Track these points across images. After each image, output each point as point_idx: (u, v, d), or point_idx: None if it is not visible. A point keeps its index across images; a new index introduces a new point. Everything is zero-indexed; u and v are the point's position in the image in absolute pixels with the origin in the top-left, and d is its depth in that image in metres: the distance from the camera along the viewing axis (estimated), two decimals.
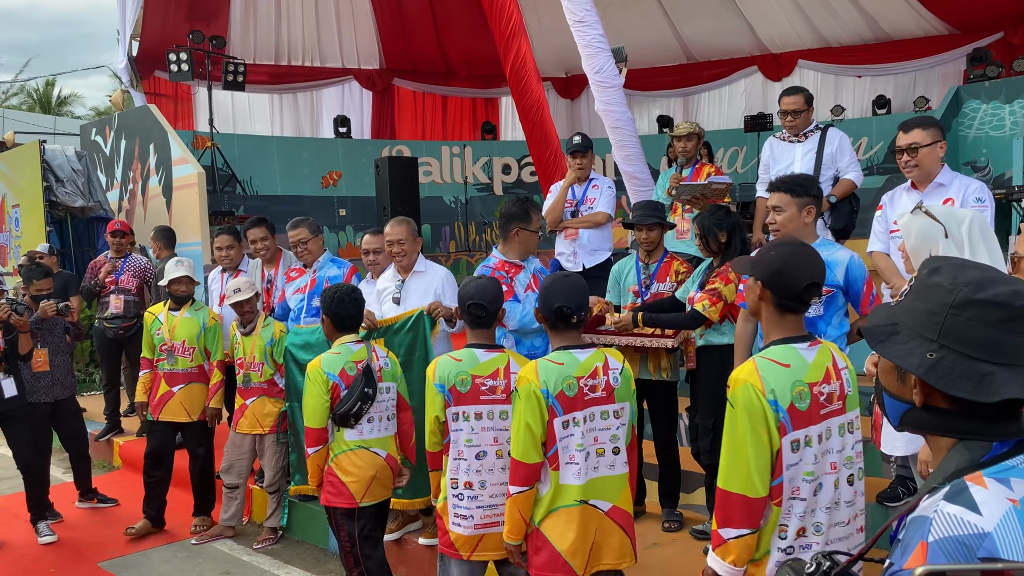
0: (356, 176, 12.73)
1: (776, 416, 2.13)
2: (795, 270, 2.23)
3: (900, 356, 1.24)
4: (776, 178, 3.59)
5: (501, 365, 3.17)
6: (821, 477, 2.20)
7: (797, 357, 2.22)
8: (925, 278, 1.27)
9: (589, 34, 6.77)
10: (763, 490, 2.13)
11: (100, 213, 9.63)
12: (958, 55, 12.15)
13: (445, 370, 3.17)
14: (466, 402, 3.15)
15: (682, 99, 14.82)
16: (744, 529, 2.14)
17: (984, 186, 3.70)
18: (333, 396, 3.65)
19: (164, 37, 12.06)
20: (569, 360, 2.84)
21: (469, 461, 3.13)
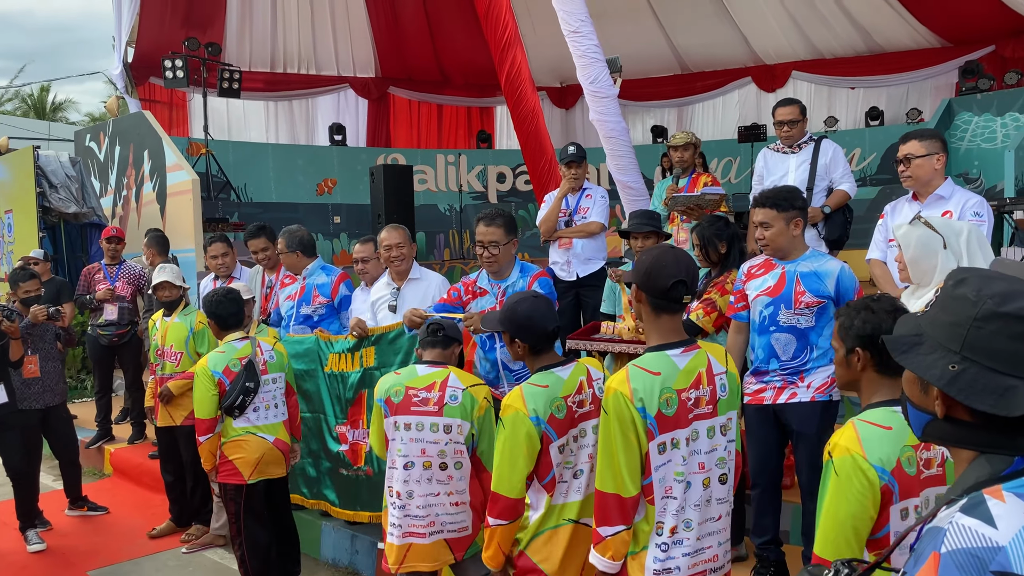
0: (351, 184, 12.74)
1: (644, 422, 2.25)
2: (661, 270, 2.31)
3: (922, 367, 1.24)
4: (760, 193, 3.61)
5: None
6: (690, 476, 2.31)
7: (668, 364, 2.31)
8: (951, 289, 1.26)
9: (584, 44, 6.79)
10: (634, 489, 2.27)
11: (93, 219, 9.61)
12: (950, 68, 12.24)
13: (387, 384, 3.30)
14: (400, 412, 3.19)
15: (676, 109, 14.88)
16: (619, 526, 2.29)
17: (983, 201, 3.72)
18: (220, 391, 4.07)
19: (160, 44, 12.07)
20: (553, 381, 2.72)
21: (398, 471, 3.18)
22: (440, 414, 3.13)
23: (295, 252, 5.10)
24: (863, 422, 1.99)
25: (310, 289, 5.06)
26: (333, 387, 4.64)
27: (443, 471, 3.16)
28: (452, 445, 3.15)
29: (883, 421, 1.98)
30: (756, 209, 3.52)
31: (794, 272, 3.46)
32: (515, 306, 2.78)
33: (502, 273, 3.93)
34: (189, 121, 13.28)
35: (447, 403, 3.15)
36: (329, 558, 4.96)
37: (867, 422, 1.99)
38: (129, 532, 5.53)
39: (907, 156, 3.74)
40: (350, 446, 4.57)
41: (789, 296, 3.42)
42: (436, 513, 3.17)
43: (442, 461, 3.16)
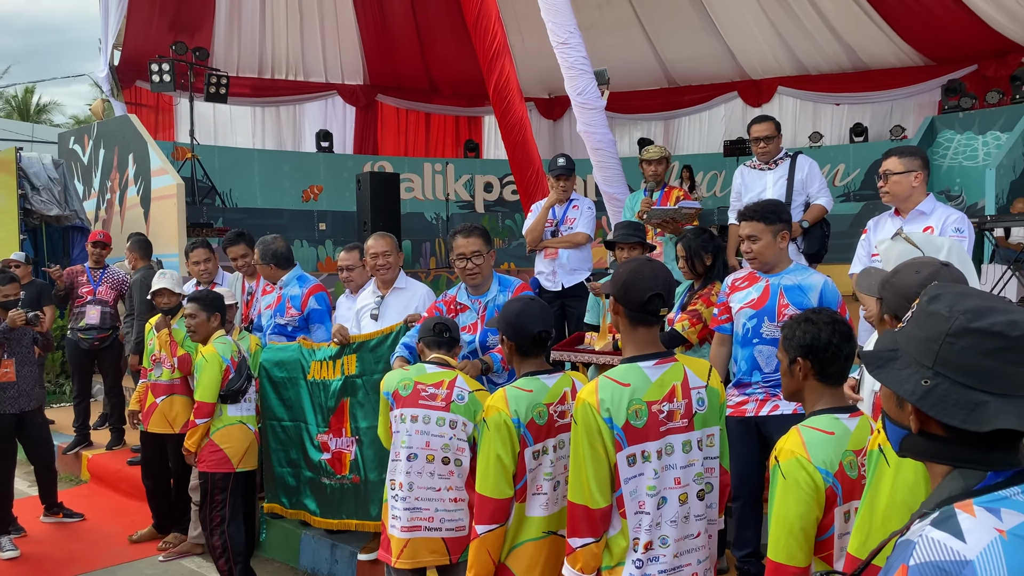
0: (337, 191, 12.71)
1: (611, 433, 2.23)
2: (639, 283, 2.31)
3: (896, 382, 1.25)
4: (746, 207, 3.63)
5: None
6: (664, 491, 2.28)
7: (639, 376, 2.29)
8: (925, 305, 1.27)
9: (572, 56, 6.82)
10: (603, 501, 2.25)
11: (76, 222, 9.53)
12: (933, 86, 12.39)
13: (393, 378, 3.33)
14: (407, 405, 3.20)
15: (663, 122, 14.96)
16: (588, 538, 2.26)
17: (964, 217, 3.75)
18: (224, 376, 4.33)
19: (147, 47, 12.02)
20: (538, 387, 2.75)
21: (401, 462, 3.18)
22: (447, 410, 3.15)
23: (269, 265, 5.06)
24: (807, 428, 2.13)
25: (284, 300, 5.04)
26: (316, 395, 4.60)
27: (445, 465, 3.16)
28: (456, 441, 3.15)
29: (826, 427, 2.12)
30: (743, 223, 3.54)
31: (778, 285, 3.47)
32: (509, 305, 2.90)
33: (481, 287, 3.81)
34: (175, 125, 13.21)
35: (454, 401, 3.16)
36: (308, 567, 4.92)
37: (811, 428, 2.13)
38: (105, 539, 5.47)
39: (885, 172, 3.78)
40: (333, 454, 4.53)
41: (773, 309, 3.44)
42: (436, 508, 3.16)
43: (445, 455, 3.16)
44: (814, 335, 2.19)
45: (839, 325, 2.22)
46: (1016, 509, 1.14)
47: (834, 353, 2.19)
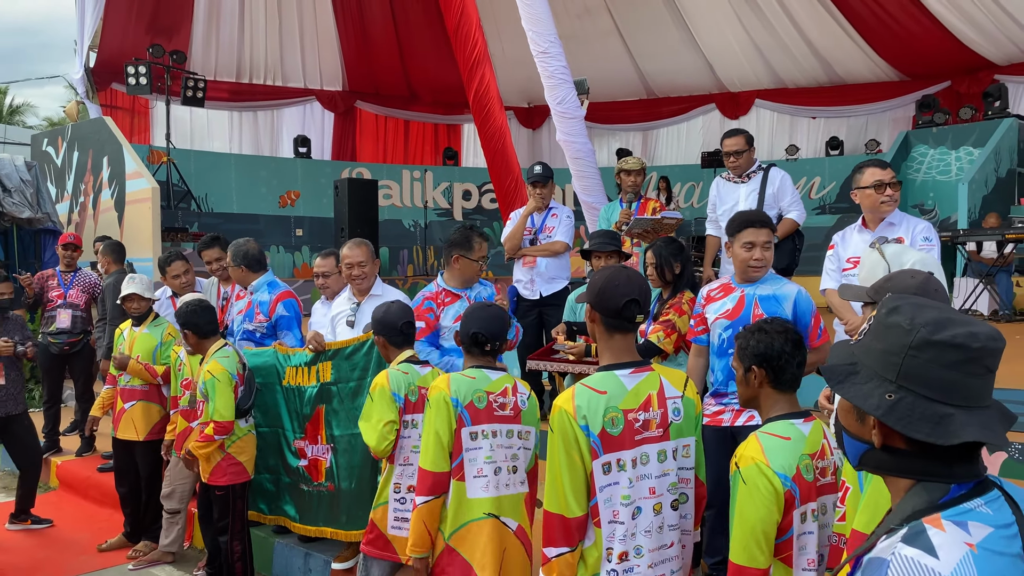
0: (314, 197, 12.66)
1: (588, 440, 2.21)
2: (614, 288, 2.30)
3: (859, 397, 1.23)
4: (750, 213, 3.64)
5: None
6: (638, 501, 2.26)
7: (616, 383, 2.28)
8: (884, 317, 1.25)
9: (552, 65, 6.84)
10: (578, 510, 2.22)
11: (48, 225, 9.40)
12: (908, 101, 12.58)
13: (401, 381, 3.23)
14: (418, 411, 3.12)
15: (641, 133, 15.06)
16: (563, 547, 2.23)
17: (931, 226, 3.80)
18: (235, 391, 4.26)
19: (123, 50, 11.92)
20: (481, 376, 2.95)
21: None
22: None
23: (240, 267, 5.00)
24: (765, 434, 2.20)
25: (254, 305, 4.99)
26: (291, 401, 4.56)
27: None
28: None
29: (783, 432, 2.20)
30: (757, 230, 3.49)
31: (753, 295, 3.49)
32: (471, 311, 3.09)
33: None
34: (151, 129, 13.11)
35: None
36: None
37: (769, 434, 2.20)
38: (74, 547, 5.37)
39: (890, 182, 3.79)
40: (310, 461, 4.49)
41: (748, 318, 3.45)
42: None
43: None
44: (767, 344, 2.27)
45: (790, 334, 2.31)
46: (982, 521, 1.14)
47: (787, 361, 2.27)
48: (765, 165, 5.36)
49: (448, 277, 4.18)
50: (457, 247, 4.12)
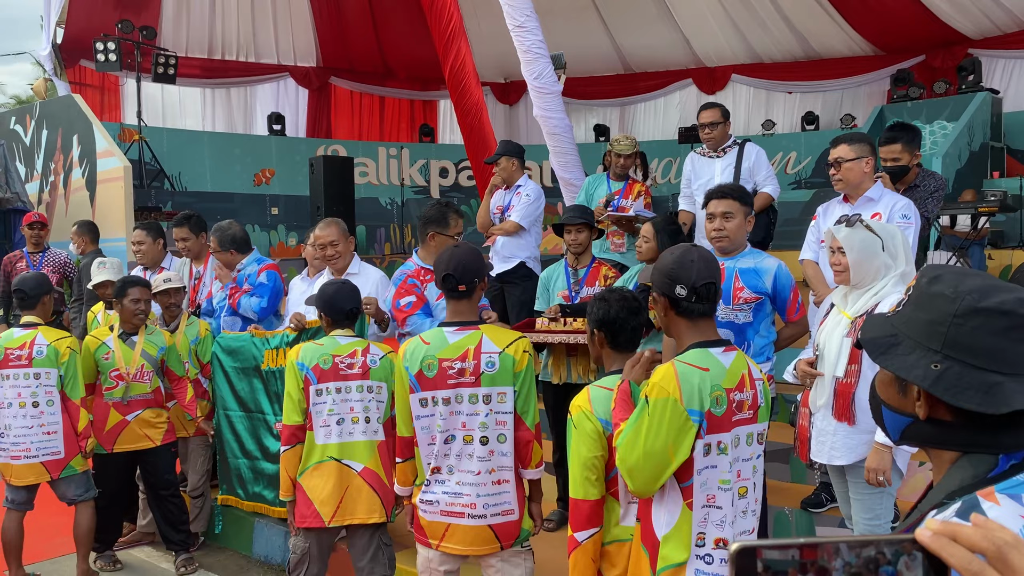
0: (289, 175, 12.51)
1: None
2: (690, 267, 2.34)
3: (903, 368, 1.20)
4: (720, 186, 3.64)
5: (471, 345, 2.88)
6: (733, 485, 2.24)
7: (714, 362, 2.30)
8: (925, 287, 1.23)
9: (529, 39, 6.79)
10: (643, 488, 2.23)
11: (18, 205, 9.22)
12: (883, 75, 12.62)
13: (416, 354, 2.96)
14: (434, 387, 2.89)
15: (619, 108, 15.01)
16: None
17: (911, 204, 3.82)
18: None
19: (91, 25, 11.65)
20: (330, 342, 3.46)
21: (438, 446, 2.89)
22: (478, 384, 2.86)
23: (228, 251, 4.97)
24: (595, 386, 2.52)
25: (241, 281, 4.96)
26: (271, 384, 4.53)
27: (484, 446, 2.88)
28: (494, 416, 2.89)
29: (610, 385, 2.48)
30: (717, 200, 3.49)
31: (733, 268, 3.50)
32: (326, 287, 3.57)
33: None
34: (122, 106, 12.88)
35: (484, 371, 2.86)
36: (262, 555, 4.86)
37: (598, 386, 2.52)
38: (50, 530, 5.32)
39: (837, 160, 3.83)
40: None
41: (728, 291, 3.46)
42: (478, 494, 2.89)
43: (483, 435, 2.87)
44: (605, 311, 2.59)
45: (628, 302, 2.60)
46: None
47: (621, 325, 2.58)
48: (740, 140, 5.37)
49: (424, 255, 4.14)
50: (433, 224, 4.09)
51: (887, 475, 2.97)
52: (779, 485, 4.50)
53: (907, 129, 4.48)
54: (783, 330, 3.62)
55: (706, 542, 2.18)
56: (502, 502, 2.89)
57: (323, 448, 3.38)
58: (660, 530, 2.21)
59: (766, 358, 3.54)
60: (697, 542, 2.18)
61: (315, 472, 3.37)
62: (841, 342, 3.06)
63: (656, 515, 2.22)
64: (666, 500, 2.20)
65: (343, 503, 3.36)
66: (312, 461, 3.38)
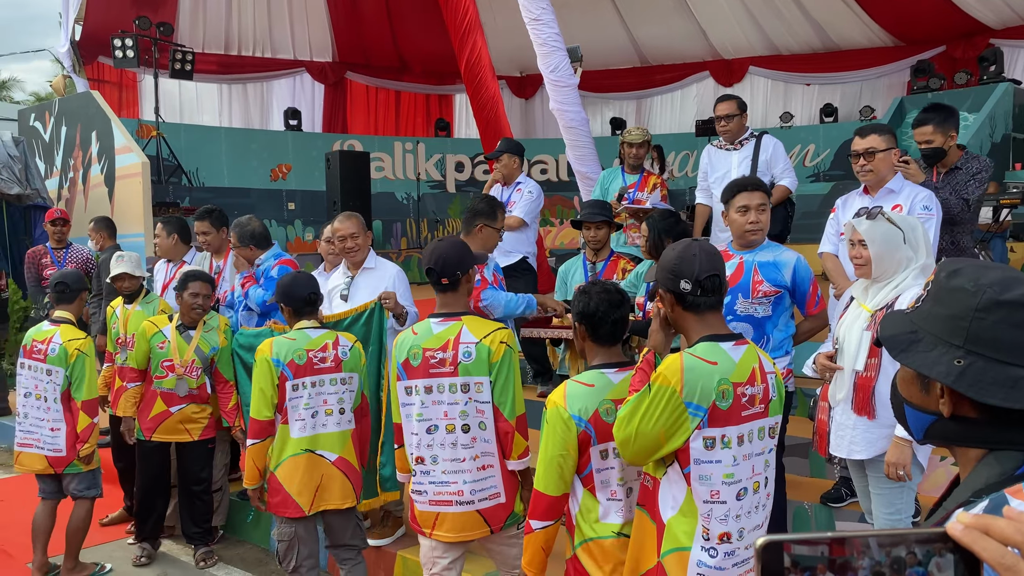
0: (306, 169, 12.56)
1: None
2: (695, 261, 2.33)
3: (926, 365, 1.17)
4: (750, 179, 3.62)
5: (452, 335, 2.96)
6: (744, 481, 2.22)
7: (602, 378, 2.52)
8: (944, 281, 1.20)
9: (545, 32, 6.76)
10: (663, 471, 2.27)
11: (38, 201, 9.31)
12: (903, 67, 12.49)
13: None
14: (417, 376, 2.97)
15: (635, 101, 14.95)
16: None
17: (932, 195, 3.77)
18: None
19: (109, 22, 11.73)
20: (301, 336, 3.53)
21: (420, 436, 2.97)
22: (456, 374, 2.92)
23: (248, 247, 5.00)
24: (573, 381, 2.53)
25: (259, 275, 4.98)
26: None
27: (466, 434, 2.94)
28: (473, 405, 2.94)
29: (589, 380, 2.50)
30: (750, 193, 3.46)
31: (752, 262, 3.47)
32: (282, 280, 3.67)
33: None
34: (140, 102, 12.97)
35: (461, 361, 2.92)
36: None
37: (576, 381, 2.53)
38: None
39: (870, 150, 3.76)
40: None
41: (747, 285, 3.44)
42: (464, 480, 2.95)
43: (464, 423, 2.93)
44: (585, 304, 2.56)
45: (609, 295, 2.56)
46: None
47: (601, 319, 2.54)
48: (757, 132, 5.32)
49: (468, 243, 4.14)
50: (482, 216, 4.08)
51: (907, 469, 2.94)
52: (798, 479, 4.47)
53: (939, 110, 4.35)
54: (802, 324, 3.59)
55: (711, 536, 2.18)
56: (488, 487, 2.95)
57: (298, 441, 3.47)
58: (666, 513, 2.23)
59: (785, 352, 3.51)
60: (702, 535, 2.18)
61: (290, 464, 3.47)
62: (861, 335, 3.03)
63: (662, 498, 2.24)
64: (671, 484, 2.22)
65: (319, 492, 3.49)
66: (287, 454, 3.48)
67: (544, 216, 13.45)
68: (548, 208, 13.60)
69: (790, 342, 3.54)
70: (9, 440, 7.12)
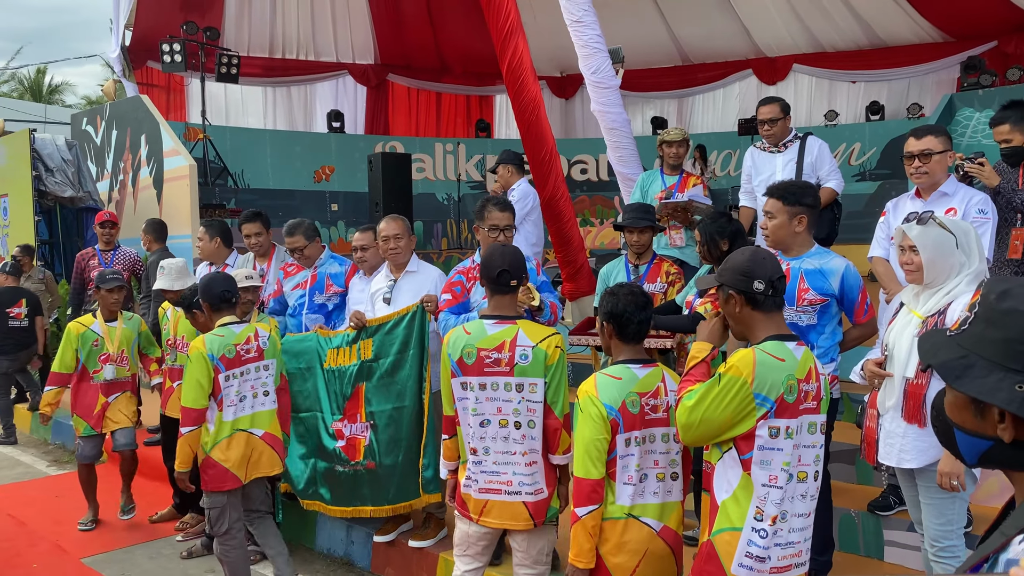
0: (349, 171, 12.68)
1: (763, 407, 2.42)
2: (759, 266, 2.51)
3: (984, 392, 1.14)
4: (772, 184, 3.58)
5: (508, 338, 3.09)
6: (793, 469, 2.41)
7: (628, 372, 2.71)
8: (995, 304, 1.17)
9: (587, 34, 6.73)
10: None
11: (90, 203, 9.55)
12: (952, 63, 12.19)
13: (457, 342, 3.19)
14: (472, 373, 3.09)
15: (676, 101, 14.82)
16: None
17: (987, 198, 3.67)
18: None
19: (158, 27, 11.97)
20: (228, 332, 3.98)
21: (474, 428, 3.11)
22: (512, 374, 3.06)
23: (313, 240, 5.14)
24: (602, 374, 2.73)
25: (322, 278, 5.05)
26: (331, 384, 4.58)
27: (517, 430, 3.08)
28: (525, 404, 3.07)
29: (616, 374, 2.70)
30: (765, 198, 3.50)
31: (799, 269, 3.43)
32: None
33: None
34: (187, 106, 13.20)
35: (518, 363, 3.05)
36: (324, 548, 4.95)
37: (605, 374, 2.72)
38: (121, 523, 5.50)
39: (926, 151, 3.68)
40: (347, 441, 4.52)
41: (792, 293, 3.40)
42: (513, 472, 3.09)
43: (516, 420, 3.07)
44: (613, 304, 2.75)
45: (636, 297, 2.76)
46: None
47: (628, 318, 2.73)
48: (801, 133, 5.24)
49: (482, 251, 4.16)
50: (476, 219, 4.09)
51: (961, 479, 2.88)
52: (845, 486, 4.41)
53: (1017, 107, 4.20)
54: (850, 331, 3.53)
55: (764, 517, 2.37)
56: (534, 482, 3.10)
57: (231, 423, 3.98)
58: (720, 495, 2.44)
59: (830, 359, 3.47)
60: (755, 516, 2.38)
61: (226, 444, 3.96)
62: (912, 342, 2.97)
63: (717, 482, 2.46)
64: (726, 469, 2.43)
65: (251, 464, 4.03)
66: (222, 436, 3.96)
67: (584, 216, 13.43)
68: (588, 208, 13.58)
69: (836, 349, 3.50)
70: (64, 437, 7.33)
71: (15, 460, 7.09)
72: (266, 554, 4.31)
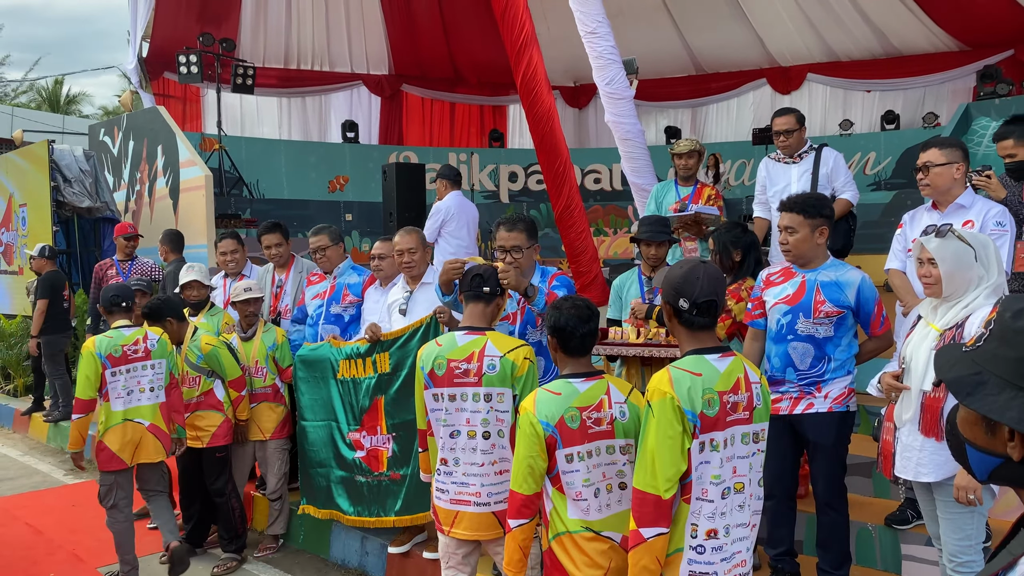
0: (363, 181, 12.73)
1: (691, 424, 2.37)
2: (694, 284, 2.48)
3: (995, 410, 1.14)
4: (788, 198, 3.57)
5: (477, 348, 3.13)
6: (727, 481, 2.39)
7: (568, 386, 2.66)
8: (1011, 322, 1.17)
9: (601, 45, 6.75)
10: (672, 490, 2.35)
11: (107, 214, 9.63)
12: (968, 72, 12.12)
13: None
14: (442, 384, 3.14)
15: (690, 110, 14.80)
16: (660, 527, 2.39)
17: (1005, 210, 3.65)
18: None
19: (174, 39, 12.08)
20: (117, 335, 4.52)
21: (444, 440, 3.19)
22: (480, 384, 3.10)
23: (338, 244, 5.18)
24: (542, 389, 2.69)
25: (340, 288, 5.07)
26: (346, 394, 4.60)
27: (486, 440, 3.12)
28: (494, 414, 3.11)
29: (556, 389, 2.66)
30: (782, 213, 3.48)
31: (814, 281, 3.42)
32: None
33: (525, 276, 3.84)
34: (203, 116, 13.30)
35: (485, 373, 3.09)
36: (339, 559, 4.95)
37: (545, 389, 2.68)
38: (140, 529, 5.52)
39: (926, 164, 3.68)
40: (368, 452, 4.53)
41: (808, 305, 3.39)
42: (482, 483, 3.12)
43: (485, 430, 3.10)
44: (556, 318, 2.73)
45: (580, 311, 2.73)
46: None
47: (570, 332, 2.70)
48: (816, 145, 5.23)
49: None
50: None
51: (978, 493, 2.86)
52: (861, 499, 4.38)
53: (1020, 121, 4.22)
54: (866, 344, 3.52)
55: (698, 533, 2.35)
56: (504, 491, 3.02)
57: (120, 413, 4.48)
58: None
59: (846, 372, 3.45)
60: (691, 533, 2.35)
61: (114, 431, 4.47)
62: (929, 355, 2.96)
63: None
64: None
65: (137, 450, 4.53)
66: (111, 423, 4.47)
67: (598, 225, 13.42)
68: (602, 218, 13.57)
69: (852, 362, 3.48)
70: None
71: (32, 469, 7.15)
72: (157, 525, 4.78)
